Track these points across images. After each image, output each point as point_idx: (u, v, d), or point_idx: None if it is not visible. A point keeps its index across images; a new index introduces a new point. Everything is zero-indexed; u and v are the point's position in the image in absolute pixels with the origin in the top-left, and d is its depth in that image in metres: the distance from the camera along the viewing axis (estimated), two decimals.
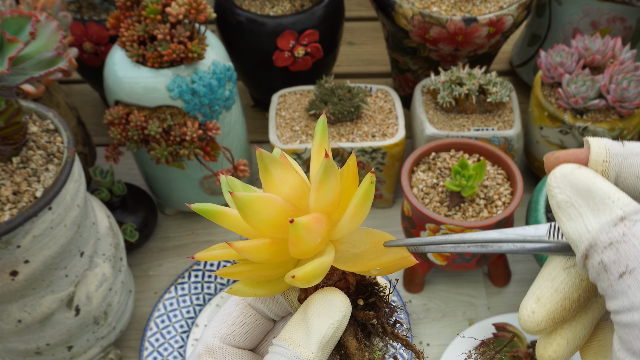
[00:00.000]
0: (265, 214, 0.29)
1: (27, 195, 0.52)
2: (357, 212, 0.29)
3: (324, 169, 0.28)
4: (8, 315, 0.58)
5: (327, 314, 0.29)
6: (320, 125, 0.32)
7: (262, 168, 0.30)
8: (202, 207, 0.30)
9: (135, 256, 0.86)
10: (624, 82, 0.75)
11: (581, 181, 0.24)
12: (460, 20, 0.81)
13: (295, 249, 0.28)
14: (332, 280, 0.31)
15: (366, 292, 0.31)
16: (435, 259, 0.75)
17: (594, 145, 0.25)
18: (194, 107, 0.72)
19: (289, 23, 0.87)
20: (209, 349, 0.31)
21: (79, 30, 0.85)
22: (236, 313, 0.32)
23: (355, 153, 0.82)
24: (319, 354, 0.28)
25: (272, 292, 0.31)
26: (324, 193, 0.29)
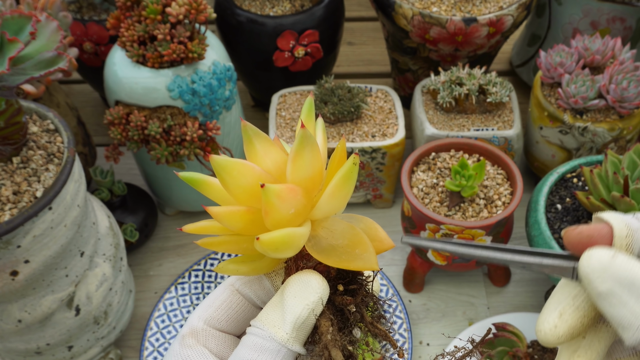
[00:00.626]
0: (242, 180, 0.29)
1: (27, 195, 0.52)
2: (337, 191, 0.29)
3: (300, 139, 0.28)
4: (8, 315, 0.58)
5: (302, 295, 0.29)
6: (306, 104, 0.32)
7: (246, 139, 0.30)
8: (188, 176, 0.30)
9: (136, 256, 0.86)
10: (623, 82, 0.75)
11: (621, 272, 0.25)
12: (460, 20, 0.81)
13: (268, 218, 0.28)
14: (312, 262, 0.30)
15: (348, 278, 0.31)
16: (435, 259, 0.75)
17: (615, 222, 0.27)
18: (194, 107, 0.72)
19: (289, 23, 0.87)
20: (193, 330, 0.31)
21: (79, 30, 0.85)
22: (223, 297, 0.32)
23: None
24: (294, 335, 0.28)
25: (255, 269, 0.31)
26: (301, 164, 0.29)
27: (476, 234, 0.69)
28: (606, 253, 0.26)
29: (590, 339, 0.28)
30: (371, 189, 0.88)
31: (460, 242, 0.29)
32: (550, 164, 0.86)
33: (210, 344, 0.31)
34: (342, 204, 0.30)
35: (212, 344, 0.31)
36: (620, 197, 0.61)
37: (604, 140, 0.78)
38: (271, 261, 0.32)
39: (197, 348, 0.31)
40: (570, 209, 0.70)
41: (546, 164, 0.87)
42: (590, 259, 0.26)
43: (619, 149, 0.81)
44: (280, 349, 0.28)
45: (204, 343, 0.31)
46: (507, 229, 0.73)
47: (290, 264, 0.31)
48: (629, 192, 0.62)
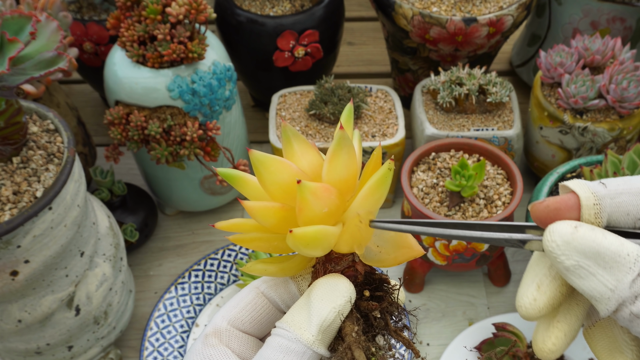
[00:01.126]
0: (279, 176, 0.29)
1: (27, 195, 0.52)
2: (371, 194, 0.29)
3: (338, 140, 0.29)
4: (8, 315, 0.58)
5: (330, 298, 0.29)
6: (346, 110, 0.32)
7: (285, 140, 0.31)
8: (225, 172, 0.31)
9: (136, 256, 0.86)
10: (623, 82, 0.75)
11: (585, 244, 0.25)
12: (460, 20, 0.81)
13: (301, 214, 0.28)
14: (340, 265, 0.31)
15: (374, 285, 0.31)
16: (435, 259, 0.75)
17: (580, 191, 0.26)
18: (194, 107, 0.72)
19: (289, 23, 0.87)
20: (217, 330, 0.31)
21: (79, 30, 0.85)
22: (248, 299, 0.32)
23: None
24: (320, 337, 0.28)
25: (283, 270, 0.32)
26: (336, 165, 0.29)
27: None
28: (568, 226, 0.25)
29: (569, 303, 0.28)
30: None
31: (429, 222, 0.29)
32: (550, 164, 0.86)
33: (233, 344, 0.31)
34: (376, 207, 0.30)
35: (234, 344, 0.31)
36: None
37: (604, 140, 0.78)
38: (300, 263, 0.32)
39: (219, 348, 0.31)
40: None
41: (546, 164, 0.87)
42: (552, 235, 0.25)
43: (619, 149, 0.81)
44: (306, 351, 0.28)
45: (227, 343, 0.31)
46: None
47: (318, 267, 0.31)
48: None
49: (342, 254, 0.31)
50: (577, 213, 0.26)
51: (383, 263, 0.32)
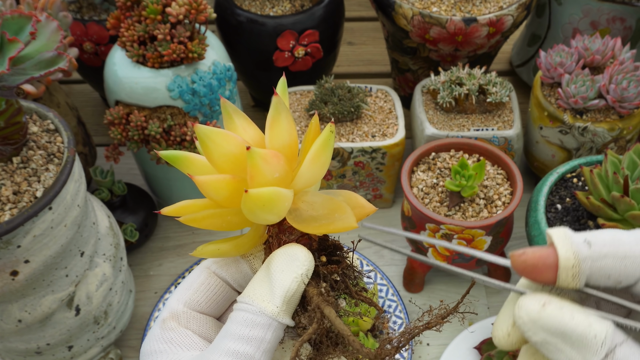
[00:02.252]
0: (226, 147, 0.29)
1: (27, 195, 0.52)
2: (317, 157, 0.30)
3: (274, 106, 0.29)
4: (8, 315, 0.58)
5: (290, 268, 0.29)
6: (280, 82, 0.32)
7: (226, 115, 0.31)
8: (167, 153, 0.31)
9: (136, 256, 0.86)
10: (623, 82, 0.75)
11: (551, 324, 0.25)
12: (460, 20, 0.81)
13: (254, 182, 0.29)
14: (294, 235, 0.31)
15: (329, 250, 0.32)
16: (435, 259, 0.75)
17: (561, 250, 0.25)
18: (194, 107, 0.72)
19: (289, 23, 0.87)
20: (174, 313, 0.31)
21: (79, 30, 0.85)
22: (200, 279, 0.32)
23: (355, 153, 0.82)
24: (284, 308, 0.29)
25: (236, 247, 0.32)
26: (278, 131, 0.30)
27: (476, 234, 0.69)
28: (536, 304, 0.25)
29: None
30: (371, 189, 0.88)
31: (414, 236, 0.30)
32: (550, 164, 0.86)
33: (192, 325, 0.31)
34: (322, 171, 0.31)
35: (193, 325, 0.31)
36: (620, 197, 0.61)
37: (604, 140, 0.78)
38: (252, 238, 0.32)
39: (179, 330, 0.31)
40: (570, 209, 0.70)
41: (546, 164, 0.87)
42: (520, 310, 0.25)
43: (619, 149, 0.81)
44: (271, 322, 0.28)
45: (186, 325, 0.31)
46: (507, 229, 0.73)
47: (271, 240, 0.32)
48: (629, 192, 0.62)
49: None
50: (554, 273, 0.25)
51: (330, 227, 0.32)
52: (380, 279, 0.80)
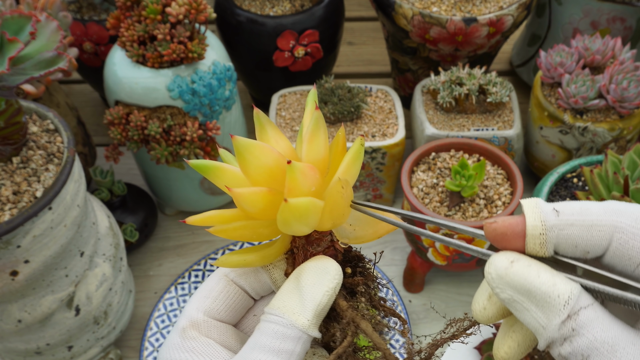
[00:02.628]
0: (263, 160, 0.29)
1: (27, 195, 0.52)
2: (349, 170, 0.30)
3: (315, 121, 0.29)
4: (8, 315, 0.58)
5: (321, 282, 0.29)
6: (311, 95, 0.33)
7: (259, 126, 0.31)
8: (198, 163, 0.30)
9: (135, 256, 0.86)
10: (623, 82, 0.75)
11: (517, 281, 0.25)
12: (460, 20, 0.81)
13: (291, 194, 0.29)
14: (321, 247, 0.31)
15: (353, 262, 0.32)
16: (435, 259, 0.75)
17: (529, 217, 0.26)
18: (194, 107, 0.72)
19: (289, 23, 0.87)
20: (194, 322, 0.31)
21: (79, 30, 0.85)
22: (219, 288, 0.32)
23: None
24: (314, 321, 0.29)
25: (263, 258, 0.32)
26: (316, 144, 0.30)
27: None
28: (505, 260, 0.25)
29: None
30: (371, 189, 0.88)
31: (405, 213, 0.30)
32: (550, 164, 0.86)
33: (213, 334, 0.31)
34: (352, 181, 0.31)
35: (215, 334, 0.31)
36: (621, 197, 0.61)
37: (604, 140, 0.78)
38: (278, 249, 0.32)
39: (201, 339, 0.30)
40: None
41: (546, 164, 0.87)
42: (489, 267, 0.26)
43: (619, 149, 0.81)
44: (302, 335, 0.28)
45: (207, 334, 0.31)
46: None
47: (297, 252, 0.32)
48: (629, 192, 0.62)
49: (321, 235, 0.31)
50: (523, 241, 0.26)
51: (361, 239, 0.32)
52: (380, 279, 0.80)
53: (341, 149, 0.32)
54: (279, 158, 0.29)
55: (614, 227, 0.25)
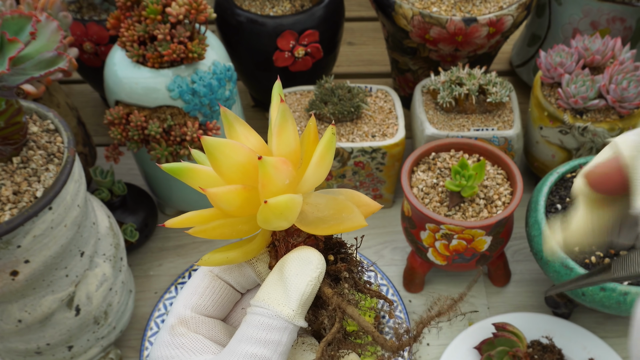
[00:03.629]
0: (234, 157, 0.29)
1: (27, 195, 0.52)
2: (322, 160, 0.30)
3: (282, 113, 0.30)
4: (8, 315, 0.58)
5: (304, 272, 0.29)
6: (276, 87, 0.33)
7: (227, 124, 0.31)
8: (170, 166, 0.31)
9: (136, 256, 0.86)
10: (623, 82, 0.75)
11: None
12: (460, 20, 0.81)
13: (265, 190, 0.29)
14: (301, 237, 0.31)
15: (335, 249, 0.32)
16: (435, 259, 0.75)
17: (625, 151, 0.31)
18: (194, 107, 0.72)
19: (289, 23, 0.87)
20: (182, 319, 0.32)
21: (79, 31, 0.85)
22: (204, 284, 0.33)
23: (355, 153, 0.82)
24: (299, 311, 0.29)
25: (245, 254, 0.32)
26: (285, 137, 0.30)
27: (476, 234, 0.69)
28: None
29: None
30: (371, 189, 0.88)
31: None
32: (550, 164, 0.86)
33: (201, 330, 0.32)
34: (325, 173, 0.31)
35: (203, 329, 0.32)
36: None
37: (604, 140, 0.78)
38: (260, 243, 0.32)
39: (190, 335, 0.31)
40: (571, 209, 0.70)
41: (546, 164, 0.87)
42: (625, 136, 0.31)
43: None
44: (288, 325, 0.29)
45: (195, 330, 0.31)
46: (507, 229, 0.73)
47: (278, 244, 0.32)
48: None
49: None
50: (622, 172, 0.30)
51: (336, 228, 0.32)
52: (381, 279, 0.80)
53: (313, 140, 0.32)
54: (250, 154, 0.30)
55: None
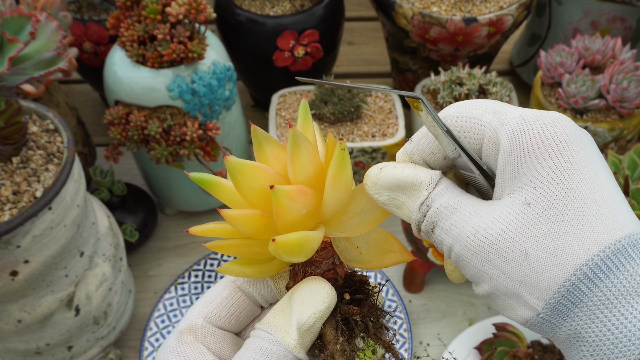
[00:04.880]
0: (256, 181, 0.28)
1: (27, 195, 0.52)
2: (336, 180, 0.29)
3: (292, 139, 0.28)
4: (8, 315, 0.58)
5: (310, 303, 0.29)
6: (301, 108, 0.32)
7: (256, 144, 0.30)
8: (199, 176, 0.30)
9: (135, 256, 0.86)
10: (624, 82, 0.75)
11: (388, 181, 0.29)
12: (460, 20, 0.81)
13: (280, 220, 0.28)
14: (320, 269, 0.30)
15: (354, 287, 0.31)
16: (435, 259, 0.75)
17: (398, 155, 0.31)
18: (194, 107, 0.72)
19: (289, 23, 0.87)
20: (192, 326, 0.31)
21: (79, 30, 0.85)
22: (224, 294, 0.32)
23: (355, 153, 0.82)
24: (300, 342, 0.28)
25: (261, 273, 0.31)
26: (300, 163, 0.29)
27: None
28: (375, 169, 0.29)
29: None
30: None
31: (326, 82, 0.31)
32: None
33: (208, 341, 0.31)
34: (345, 195, 0.30)
35: (210, 341, 0.31)
36: None
37: (604, 140, 0.78)
38: (278, 265, 0.31)
39: (195, 345, 0.30)
40: None
41: None
42: (366, 179, 0.29)
43: (619, 148, 0.81)
44: (287, 354, 0.28)
45: (202, 340, 0.31)
46: None
47: (297, 269, 0.31)
48: (629, 192, 0.62)
49: (322, 258, 0.30)
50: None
51: (366, 265, 0.31)
52: (381, 278, 0.80)
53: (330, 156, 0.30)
54: (273, 179, 0.29)
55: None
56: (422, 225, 0.28)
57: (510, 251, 0.25)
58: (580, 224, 0.25)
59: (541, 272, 0.25)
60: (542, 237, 0.25)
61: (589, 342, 0.24)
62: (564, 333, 0.25)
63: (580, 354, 0.25)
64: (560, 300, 0.25)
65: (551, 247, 0.25)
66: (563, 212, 0.25)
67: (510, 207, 0.26)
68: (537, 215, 0.25)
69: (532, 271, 0.25)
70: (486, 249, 0.26)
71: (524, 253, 0.25)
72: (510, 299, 0.26)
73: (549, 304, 0.25)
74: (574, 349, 0.25)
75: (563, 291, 0.25)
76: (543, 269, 0.25)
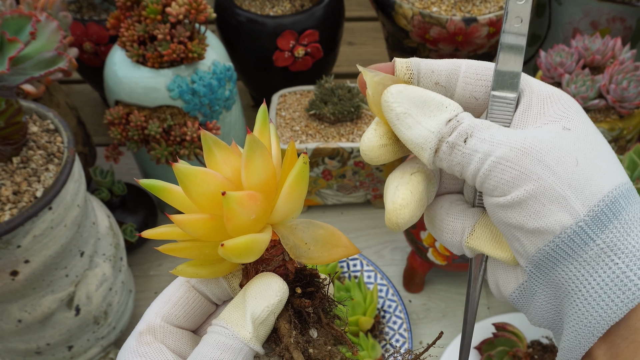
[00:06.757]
0: (205, 187, 0.29)
1: (27, 195, 0.52)
2: (292, 192, 0.30)
3: (249, 145, 0.29)
4: (8, 315, 0.58)
5: (263, 297, 0.30)
6: (260, 112, 0.32)
7: (206, 148, 0.31)
8: (148, 183, 0.31)
9: (136, 256, 0.86)
10: (623, 82, 0.75)
11: (415, 93, 0.29)
12: (460, 20, 0.81)
13: (230, 224, 0.29)
14: (271, 266, 0.31)
15: (305, 281, 0.32)
16: (435, 259, 0.75)
17: (398, 60, 0.31)
18: (194, 107, 0.72)
19: (289, 23, 0.87)
20: (150, 327, 0.32)
21: (79, 30, 0.85)
22: (179, 293, 0.33)
23: (355, 153, 0.82)
24: (255, 334, 0.29)
25: (214, 273, 0.32)
26: (253, 170, 0.30)
27: None
28: (402, 85, 0.29)
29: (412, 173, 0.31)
30: (371, 189, 0.88)
31: None
32: None
33: (167, 340, 0.32)
34: (298, 204, 0.31)
35: (169, 340, 0.32)
36: None
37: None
38: (230, 265, 0.32)
39: (154, 345, 0.31)
40: None
41: None
42: (390, 89, 0.29)
43: (619, 148, 0.81)
44: (243, 347, 0.29)
45: (162, 340, 0.32)
46: None
47: (249, 267, 0.32)
48: None
49: (272, 255, 0.31)
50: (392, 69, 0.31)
51: (314, 260, 0.32)
52: (380, 279, 0.80)
53: (290, 164, 0.31)
54: (221, 185, 0.29)
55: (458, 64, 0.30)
56: (450, 138, 0.28)
57: (563, 156, 0.27)
58: (613, 155, 0.29)
59: (590, 179, 0.27)
60: (589, 152, 0.27)
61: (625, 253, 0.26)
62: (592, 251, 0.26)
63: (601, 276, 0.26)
64: (604, 209, 0.26)
65: (596, 163, 0.27)
66: (600, 142, 0.29)
67: (549, 130, 0.28)
68: (579, 137, 0.28)
69: (582, 176, 0.27)
70: (538, 150, 0.27)
71: (574, 160, 0.27)
72: (552, 203, 0.27)
73: (593, 210, 0.26)
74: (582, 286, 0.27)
75: (607, 201, 0.26)
76: (591, 176, 0.27)
